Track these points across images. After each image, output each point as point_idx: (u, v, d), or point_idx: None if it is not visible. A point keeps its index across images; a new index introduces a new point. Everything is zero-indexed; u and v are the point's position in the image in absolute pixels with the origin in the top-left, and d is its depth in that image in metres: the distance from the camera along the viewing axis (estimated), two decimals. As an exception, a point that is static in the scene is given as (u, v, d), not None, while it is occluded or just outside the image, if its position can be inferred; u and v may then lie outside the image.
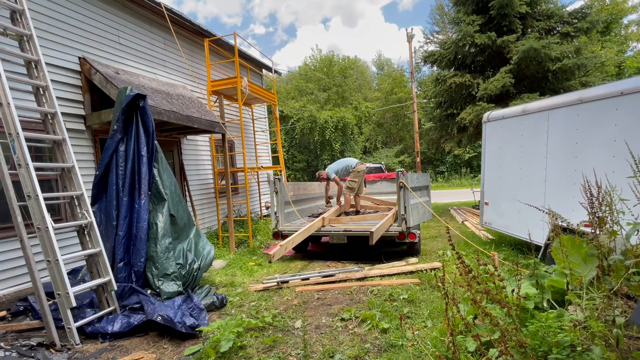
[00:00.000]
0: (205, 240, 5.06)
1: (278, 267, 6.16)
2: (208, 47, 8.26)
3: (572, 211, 3.92)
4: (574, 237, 2.39)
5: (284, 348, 3.18)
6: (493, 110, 7.07)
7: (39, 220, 3.47)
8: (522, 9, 10.04)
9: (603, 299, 2.06)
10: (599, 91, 4.35)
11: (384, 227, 5.75)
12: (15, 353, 3.16)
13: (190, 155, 8.36)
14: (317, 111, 25.85)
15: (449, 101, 11.96)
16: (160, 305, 3.79)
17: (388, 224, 5.94)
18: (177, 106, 6.37)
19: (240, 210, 10.03)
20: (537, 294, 2.66)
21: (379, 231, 5.49)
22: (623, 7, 23.47)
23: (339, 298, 4.41)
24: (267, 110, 12.87)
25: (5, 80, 3.61)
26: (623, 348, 1.88)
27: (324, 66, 33.59)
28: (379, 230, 5.46)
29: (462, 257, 2.18)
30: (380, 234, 5.52)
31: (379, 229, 5.50)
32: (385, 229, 5.79)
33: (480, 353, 2.12)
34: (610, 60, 20.43)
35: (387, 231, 5.85)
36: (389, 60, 39.15)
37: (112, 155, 4.44)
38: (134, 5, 6.89)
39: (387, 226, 5.88)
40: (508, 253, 5.83)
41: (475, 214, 10.09)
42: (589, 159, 4.33)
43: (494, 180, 6.42)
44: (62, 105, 5.26)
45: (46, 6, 5.23)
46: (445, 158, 27.48)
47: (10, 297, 4.44)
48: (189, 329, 3.47)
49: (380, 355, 2.92)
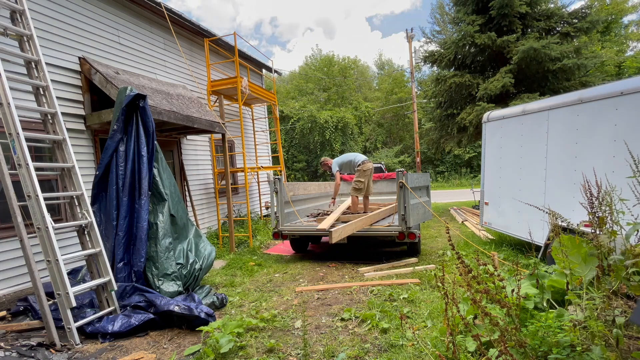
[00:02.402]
0: (206, 241, 5.07)
1: (278, 267, 6.16)
2: (208, 47, 8.26)
3: (572, 211, 3.92)
4: (574, 237, 2.39)
5: (284, 348, 3.18)
6: (493, 110, 7.07)
7: (39, 220, 3.46)
8: (522, 9, 10.04)
9: (603, 299, 2.06)
10: (599, 91, 4.35)
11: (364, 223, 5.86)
12: (15, 353, 3.16)
13: (190, 155, 8.36)
14: (317, 111, 25.85)
15: (449, 101, 11.96)
16: (170, 298, 3.90)
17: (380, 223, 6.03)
18: (177, 106, 6.37)
19: (240, 210, 10.03)
20: (537, 294, 2.66)
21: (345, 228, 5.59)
22: (623, 7, 23.46)
23: (339, 298, 4.41)
24: (267, 110, 12.87)
25: (5, 80, 3.61)
26: (623, 348, 1.88)
27: (324, 66, 33.60)
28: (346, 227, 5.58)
29: (462, 257, 2.18)
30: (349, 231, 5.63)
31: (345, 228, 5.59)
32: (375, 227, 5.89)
33: (480, 353, 2.12)
34: (610, 60, 20.41)
35: (387, 231, 5.85)
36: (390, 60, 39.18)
37: (112, 155, 4.44)
38: (134, 5, 6.89)
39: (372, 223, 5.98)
40: (508, 253, 5.83)
41: (475, 214, 10.09)
42: (589, 158, 4.33)
43: (494, 180, 6.42)
44: (62, 105, 5.26)
45: (46, 6, 5.23)
46: (445, 158, 27.48)
47: (10, 297, 4.44)
48: (207, 316, 3.63)
49: (380, 355, 2.93)
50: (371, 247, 7.34)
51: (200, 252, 4.82)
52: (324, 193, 8.87)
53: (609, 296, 2.01)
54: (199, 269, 4.65)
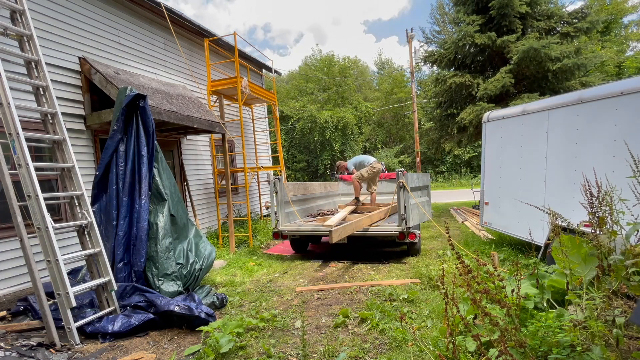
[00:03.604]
0: (206, 241, 5.07)
1: (278, 267, 6.16)
2: (208, 47, 8.26)
3: (572, 211, 3.92)
4: (574, 237, 2.39)
5: (284, 348, 3.18)
6: (493, 110, 7.07)
7: (39, 220, 3.46)
8: (522, 9, 10.04)
9: (603, 299, 2.06)
10: (599, 91, 4.35)
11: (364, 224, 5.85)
12: (15, 353, 3.16)
13: (190, 155, 8.35)
14: (317, 111, 25.83)
15: (449, 101, 11.96)
16: (171, 299, 3.90)
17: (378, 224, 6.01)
18: (177, 106, 6.37)
19: (240, 210, 10.03)
20: (537, 294, 2.66)
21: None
22: (623, 7, 23.46)
23: (339, 298, 4.42)
24: (267, 110, 12.87)
25: (5, 80, 3.61)
26: (623, 348, 1.88)
27: (324, 66, 33.59)
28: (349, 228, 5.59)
29: (461, 257, 2.18)
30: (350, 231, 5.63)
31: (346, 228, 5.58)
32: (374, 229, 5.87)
33: (480, 353, 2.12)
34: (610, 60, 20.41)
35: (387, 231, 5.85)
36: (390, 60, 39.17)
37: (112, 155, 4.44)
38: (134, 5, 6.89)
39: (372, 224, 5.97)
40: (508, 253, 5.83)
41: (475, 214, 10.09)
42: (589, 159, 4.33)
43: (494, 180, 6.42)
44: (62, 105, 5.26)
45: (46, 6, 5.23)
46: (445, 158, 27.48)
47: (10, 297, 4.44)
48: (207, 316, 3.63)
49: (380, 355, 2.93)
50: (371, 247, 7.34)
51: (200, 252, 4.82)
52: (324, 193, 8.87)
53: (609, 296, 2.01)
54: (199, 269, 4.65)
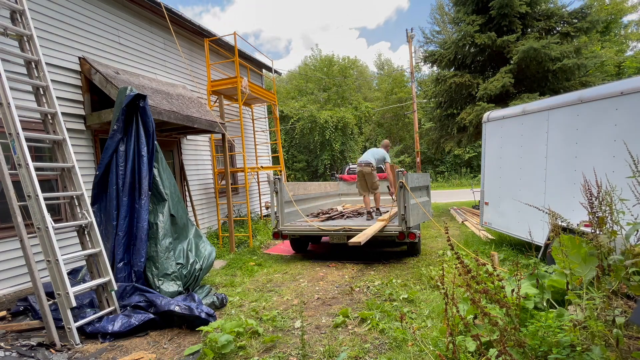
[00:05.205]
0: (206, 241, 5.07)
1: (278, 267, 6.16)
2: (208, 47, 8.26)
3: (572, 211, 3.92)
4: (574, 237, 2.39)
5: (284, 348, 3.18)
6: (493, 110, 7.07)
7: (39, 220, 3.47)
8: (522, 9, 10.03)
9: (603, 299, 2.06)
10: (599, 91, 4.35)
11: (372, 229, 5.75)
12: (15, 353, 3.16)
13: (190, 155, 8.35)
14: (317, 111, 25.82)
15: (449, 101, 11.95)
16: (171, 299, 3.89)
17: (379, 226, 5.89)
18: (177, 106, 6.37)
19: (240, 210, 10.03)
20: (537, 294, 2.66)
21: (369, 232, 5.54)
22: (623, 7, 23.46)
23: (339, 298, 4.42)
24: (267, 110, 12.86)
25: (5, 80, 3.62)
26: (623, 348, 1.88)
27: (324, 66, 33.58)
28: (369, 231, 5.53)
29: (461, 257, 2.18)
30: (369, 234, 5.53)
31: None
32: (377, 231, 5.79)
33: (480, 353, 2.12)
34: (610, 60, 20.42)
35: (387, 231, 5.84)
36: (389, 60, 39.16)
37: (112, 155, 4.44)
38: (134, 5, 6.89)
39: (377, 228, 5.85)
40: (508, 253, 5.83)
41: (475, 214, 10.09)
42: (589, 159, 4.33)
43: (494, 180, 6.42)
44: (62, 105, 5.25)
45: (46, 6, 5.23)
46: (445, 158, 27.48)
47: (10, 297, 4.44)
48: (207, 316, 3.62)
49: (381, 355, 2.93)
50: (371, 247, 7.34)
51: (200, 252, 4.82)
52: (324, 193, 8.86)
53: (609, 296, 2.01)
54: (199, 269, 4.65)
